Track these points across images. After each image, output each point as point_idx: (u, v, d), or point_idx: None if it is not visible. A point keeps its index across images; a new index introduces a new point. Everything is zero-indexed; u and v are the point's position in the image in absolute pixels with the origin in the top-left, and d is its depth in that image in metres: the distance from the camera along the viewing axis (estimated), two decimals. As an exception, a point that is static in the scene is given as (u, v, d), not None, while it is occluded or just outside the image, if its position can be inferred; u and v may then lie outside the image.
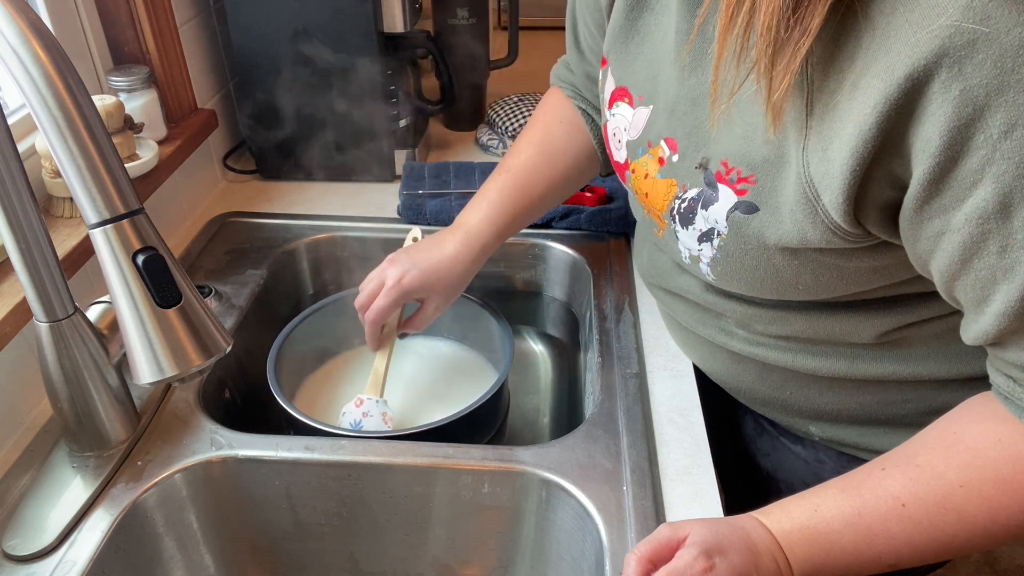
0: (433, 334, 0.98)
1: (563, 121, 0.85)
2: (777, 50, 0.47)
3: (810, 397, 0.71)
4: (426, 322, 0.83)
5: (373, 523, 0.74)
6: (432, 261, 0.79)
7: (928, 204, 0.47)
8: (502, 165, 0.85)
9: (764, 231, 0.56)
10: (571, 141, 0.84)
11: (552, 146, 0.84)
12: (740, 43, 0.50)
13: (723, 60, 0.52)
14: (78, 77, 0.45)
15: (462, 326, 0.95)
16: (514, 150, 0.85)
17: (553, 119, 0.86)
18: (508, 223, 0.82)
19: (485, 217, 0.81)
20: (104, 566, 0.62)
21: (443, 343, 0.98)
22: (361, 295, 0.81)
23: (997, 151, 0.43)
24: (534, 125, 0.87)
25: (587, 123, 0.84)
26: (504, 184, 0.83)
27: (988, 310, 0.48)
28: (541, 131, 0.86)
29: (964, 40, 0.42)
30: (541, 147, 0.84)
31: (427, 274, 0.79)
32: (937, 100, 0.43)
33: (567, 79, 0.86)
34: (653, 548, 0.54)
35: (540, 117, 0.87)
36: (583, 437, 0.71)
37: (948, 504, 0.51)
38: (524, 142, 0.85)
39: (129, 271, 0.48)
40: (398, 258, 0.80)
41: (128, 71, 0.91)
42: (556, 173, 0.84)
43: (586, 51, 0.81)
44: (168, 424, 0.73)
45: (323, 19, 1.00)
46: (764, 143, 0.54)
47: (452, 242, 0.80)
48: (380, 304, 0.79)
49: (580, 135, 0.84)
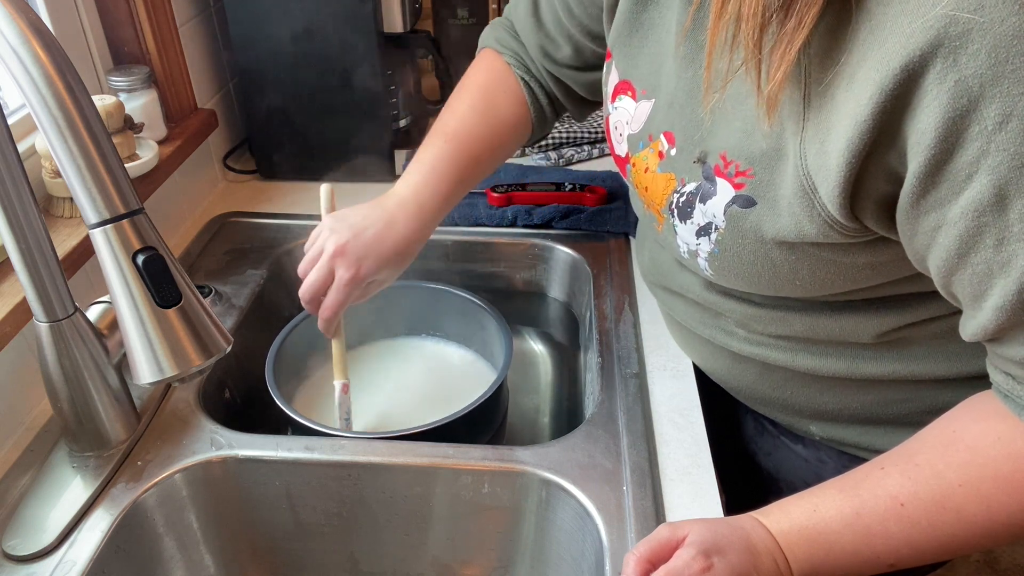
0: (433, 334, 0.98)
1: (506, 91, 0.83)
2: (764, 36, 0.47)
3: (810, 397, 0.71)
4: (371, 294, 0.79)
5: (373, 523, 0.74)
6: (386, 246, 0.74)
7: (924, 198, 0.47)
8: (443, 129, 0.80)
9: (761, 225, 0.56)
10: (513, 112, 0.83)
11: (496, 116, 0.82)
12: (732, 31, 0.50)
13: (715, 48, 0.52)
14: (78, 77, 0.45)
15: (462, 326, 0.95)
16: (455, 113, 0.81)
17: (496, 86, 0.83)
18: (453, 192, 0.79)
19: (436, 190, 0.77)
20: (104, 566, 0.62)
21: (443, 343, 0.98)
22: (306, 285, 0.74)
23: (992, 143, 0.42)
24: (473, 89, 0.84)
25: (528, 95, 0.83)
26: (449, 153, 0.79)
27: (986, 305, 0.48)
28: (483, 99, 0.83)
29: (959, 30, 0.41)
30: (485, 116, 0.82)
31: (384, 260, 0.74)
32: (932, 91, 0.43)
33: (509, 46, 0.84)
34: (652, 548, 0.54)
35: (479, 81, 0.85)
36: (583, 437, 0.71)
37: (947, 503, 0.51)
38: (466, 107, 0.82)
39: (129, 271, 0.48)
40: (347, 245, 0.73)
41: (128, 71, 0.91)
42: (497, 143, 0.82)
43: (547, 23, 0.79)
44: (168, 424, 0.73)
45: (323, 19, 1.00)
46: (762, 136, 0.54)
47: (404, 220, 0.75)
48: (336, 300, 0.74)
49: (521, 107, 0.83)
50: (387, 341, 0.98)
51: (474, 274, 1.02)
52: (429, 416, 0.74)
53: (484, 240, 1.01)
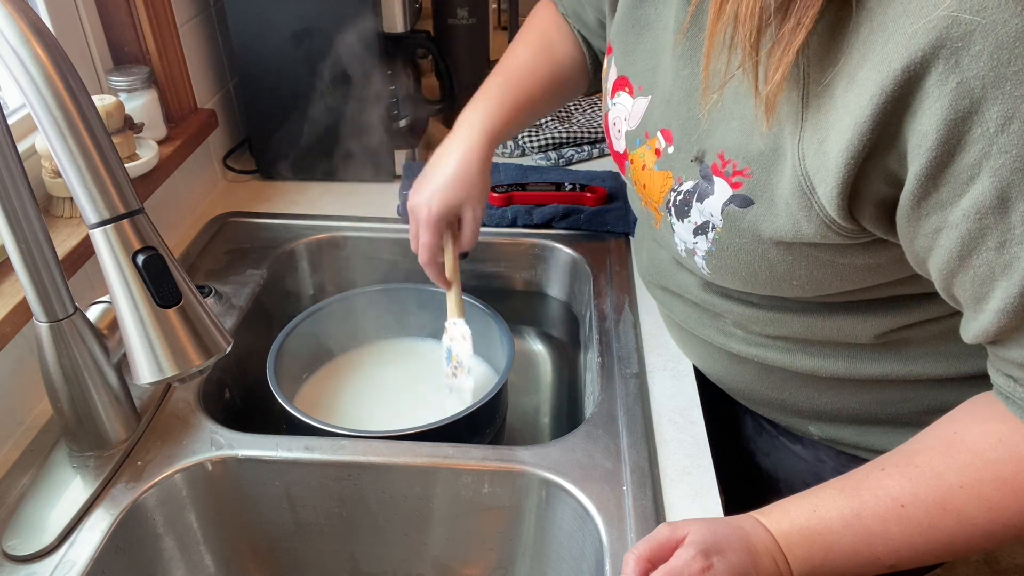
0: (434, 336, 0.98)
1: (560, 29, 0.85)
2: (761, 38, 0.47)
3: (809, 397, 0.71)
4: (475, 231, 0.82)
5: (373, 523, 0.74)
6: (447, 172, 0.79)
7: (925, 200, 0.47)
8: (498, 67, 0.84)
9: (759, 224, 0.56)
10: (568, 48, 0.85)
11: (551, 49, 0.85)
12: (730, 32, 0.50)
13: (714, 48, 0.52)
14: (78, 77, 0.45)
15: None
16: (510, 52, 0.85)
17: (551, 26, 0.86)
18: (510, 114, 0.81)
19: (485, 110, 0.80)
20: (104, 566, 0.62)
21: (443, 343, 0.98)
22: (412, 243, 0.82)
23: (994, 145, 0.42)
24: (529, 30, 0.87)
25: (582, 42, 0.85)
26: (501, 82, 0.82)
27: (987, 307, 0.48)
28: (537, 35, 0.86)
29: (961, 31, 0.41)
30: (539, 48, 0.85)
31: (449, 188, 0.78)
32: (934, 93, 0.43)
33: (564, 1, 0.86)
34: (652, 548, 0.54)
35: (535, 24, 0.87)
36: (583, 437, 0.71)
37: (947, 505, 0.51)
38: (520, 44, 0.85)
39: (129, 271, 0.48)
40: (417, 188, 0.80)
41: (128, 71, 0.91)
42: (554, 73, 0.84)
43: None
44: (168, 424, 0.73)
45: (323, 19, 1.00)
46: (760, 136, 0.54)
47: (457, 144, 0.80)
48: (424, 240, 0.79)
49: (576, 47, 0.85)
50: (389, 342, 0.98)
51: (474, 274, 1.02)
52: (429, 416, 0.74)
53: (484, 240, 1.01)
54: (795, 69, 0.50)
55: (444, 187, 0.78)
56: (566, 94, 0.88)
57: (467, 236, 0.82)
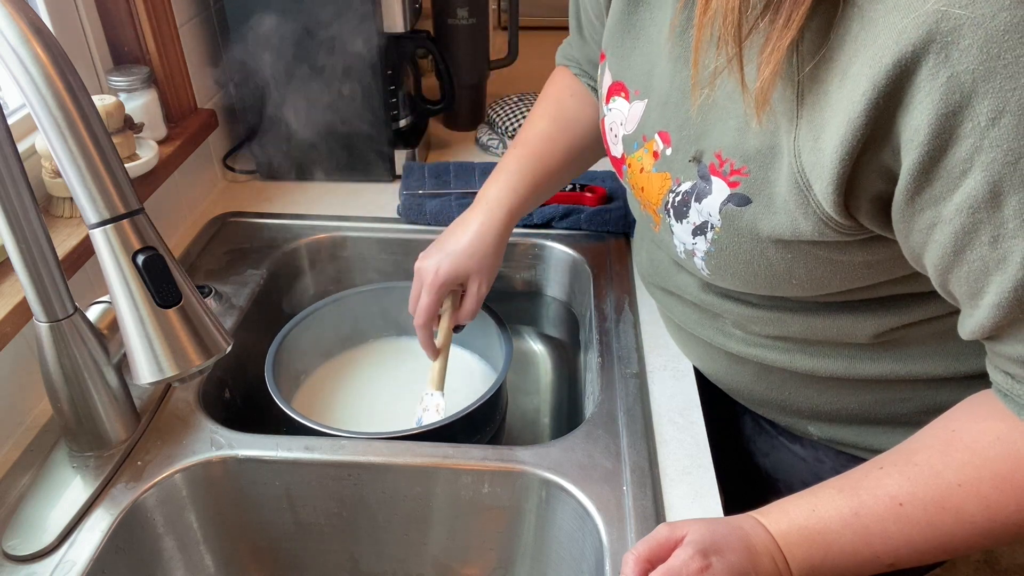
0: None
1: (574, 94, 0.86)
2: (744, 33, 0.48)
3: (808, 397, 0.71)
4: (476, 306, 0.82)
5: (373, 523, 0.74)
6: (461, 243, 0.79)
7: (919, 195, 0.47)
8: (517, 139, 0.85)
9: (757, 223, 0.56)
10: (583, 111, 0.85)
11: (565, 116, 0.85)
12: (717, 26, 0.50)
13: (701, 45, 0.52)
14: (78, 77, 0.45)
15: (461, 326, 0.95)
16: (528, 124, 0.86)
17: (564, 93, 0.86)
18: (529, 191, 0.82)
19: (505, 185, 0.81)
20: (104, 566, 0.63)
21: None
22: (411, 303, 0.81)
23: (985, 139, 0.42)
24: (545, 99, 0.87)
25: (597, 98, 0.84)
26: (521, 155, 0.83)
27: (983, 303, 0.48)
28: (553, 104, 0.86)
29: (950, 25, 0.41)
30: (555, 117, 0.85)
31: (460, 256, 0.79)
32: (925, 88, 0.43)
33: (573, 58, 0.87)
34: (651, 548, 0.54)
35: (550, 92, 0.88)
36: (583, 437, 0.71)
37: (946, 504, 0.51)
38: (537, 116, 0.86)
39: (129, 271, 0.48)
40: (428, 252, 0.81)
41: (128, 71, 0.91)
42: (571, 142, 0.84)
43: (588, 39, 0.82)
44: (168, 424, 0.73)
45: (323, 19, 1.00)
46: (757, 134, 0.54)
47: (476, 217, 0.80)
48: (424, 302, 0.79)
49: (591, 108, 0.85)
50: (387, 341, 0.98)
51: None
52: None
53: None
54: (789, 66, 0.50)
55: (455, 254, 0.79)
56: (585, 161, 0.88)
57: (468, 309, 0.82)
